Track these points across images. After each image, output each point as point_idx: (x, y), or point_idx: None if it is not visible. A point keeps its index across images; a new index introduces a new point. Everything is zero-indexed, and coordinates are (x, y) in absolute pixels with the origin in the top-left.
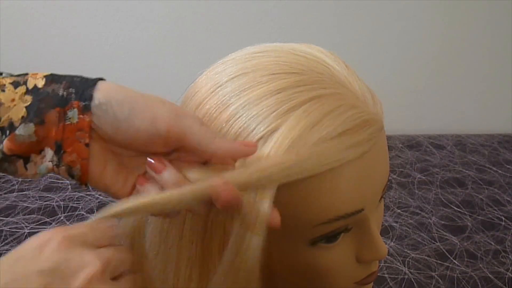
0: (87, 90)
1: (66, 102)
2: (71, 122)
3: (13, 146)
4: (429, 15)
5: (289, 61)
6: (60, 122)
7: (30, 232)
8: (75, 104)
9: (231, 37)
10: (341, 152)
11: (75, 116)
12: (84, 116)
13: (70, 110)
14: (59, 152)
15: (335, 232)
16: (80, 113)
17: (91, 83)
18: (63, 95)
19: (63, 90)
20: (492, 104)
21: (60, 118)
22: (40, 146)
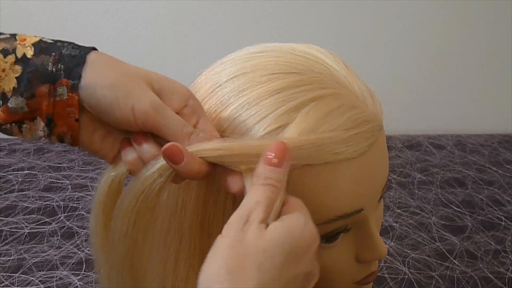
0: (76, 68)
1: (56, 79)
2: (61, 99)
3: (7, 116)
4: (429, 15)
5: (288, 61)
6: (51, 97)
7: (30, 232)
8: (64, 82)
9: (230, 37)
10: (341, 144)
11: (64, 93)
12: (73, 94)
13: (59, 87)
14: (50, 125)
15: (334, 232)
16: (69, 91)
17: (80, 60)
18: (52, 71)
19: (52, 65)
20: (492, 104)
21: (50, 93)
22: (33, 115)
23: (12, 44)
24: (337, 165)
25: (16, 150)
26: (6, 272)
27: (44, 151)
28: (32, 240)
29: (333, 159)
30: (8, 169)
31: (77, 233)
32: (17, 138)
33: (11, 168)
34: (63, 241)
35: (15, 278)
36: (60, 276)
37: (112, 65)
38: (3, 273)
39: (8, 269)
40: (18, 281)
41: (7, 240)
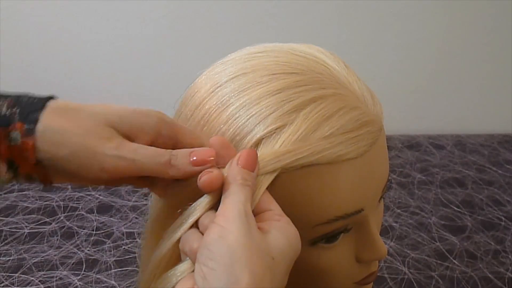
0: (33, 112)
1: (9, 123)
2: (15, 144)
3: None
4: (429, 15)
5: (288, 61)
6: (6, 142)
7: (30, 232)
8: (17, 126)
9: (230, 37)
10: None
11: (18, 138)
12: (28, 139)
13: (13, 132)
14: (13, 166)
15: (334, 232)
16: (23, 136)
17: (38, 105)
18: (6, 114)
19: (6, 108)
20: (492, 104)
21: (4, 138)
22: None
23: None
24: (337, 166)
25: None
26: (6, 272)
27: None
28: (32, 240)
29: (333, 159)
30: None
31: (77, 233)
32: None
33: None
34: (63, 241)
35: (15, 278)
36: (60, 276)
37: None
38: (3, 273)
39: (8, 269)
40: (18, 281)
41: (7, 240)
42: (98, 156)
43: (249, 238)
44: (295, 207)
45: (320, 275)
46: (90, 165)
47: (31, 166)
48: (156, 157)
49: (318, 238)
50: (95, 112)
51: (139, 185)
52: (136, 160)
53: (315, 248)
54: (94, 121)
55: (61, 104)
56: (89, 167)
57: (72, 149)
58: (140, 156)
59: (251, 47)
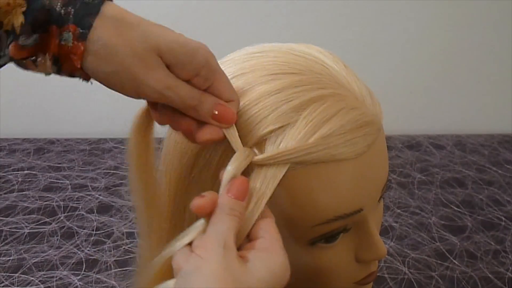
0: (87, 16)
1: (63, 22)
2: (65, 44)
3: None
4: (429, 15)
5: (287, 61)
6: (57, 39)
7: (30, 232)
8: (71, 28)
9: (230, 37)
10: (340, 145)
11: (69, 39)
12: (79, 43)
13: (65, 32)
14: (58, 63)
15: (334, 232)
16: (75, 38)
17: (93, 9)
18: (61, 12)
19: (60, 6)
20: (492, 104)
21: (56, 35)
22: (44, 50)
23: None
24: (336, 166)
25: (16, 150)
26: (6, 272)
27: (44, 151)
28: (32, 240)
29: (332, 159)
30: (8, 169)
31: (77, 233)
32: (17, 138)
33: (11, 168)
34: (63, 241)
35: (15, 278)
36: (60, 276)
37: (122, 32)
38: (3, 273)
39: (8, 269)
40: (18, 281)
41: (7, 240)
42: (137, 81)
43: (225, 270)
44: (294, 207)
45: (319, 275)
46: (128, 86)
47: (74, 68)
48: (187, 99)
49: (317, 238)
50: (147, 34)
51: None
52: (168, 97)
53: (314, 248)
54: (144, 45)
55: (117, 13)
56: (125, 88)
57: (116, 68)
58: (173, 95)
59: (250, 47)
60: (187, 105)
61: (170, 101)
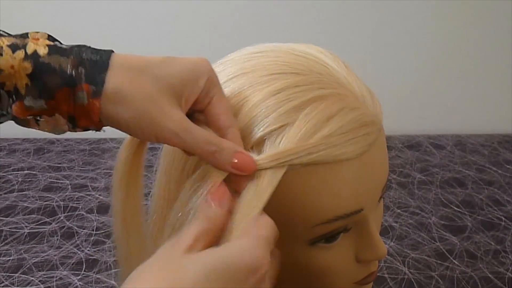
0: (99, 74)
1: (75, 83)
2: (81, 103)
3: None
4: (429, 15)
5: (288, 61)
6: (70, 101)
7: (30, 232)
8: (84, 87)
9: (230, 37)
10: (340, 145)
11: (84, 98)
12: (94, 100)
13: (79, 92)
14: (73, 121)
15: (334, 232)
16: (89, 97)
17: (103, 66)
18: (72, 74)
19: (71, 68)
20: (492, 104)
21: (70, 97)
22: (52, 112)
23: (23, 40)
24: (336, 166)
25: (16, 150)
26: (6, 272)
27: (44, 151)
28: (32, 240)
29: (332, 159)
30: (8, 169)
31: (77, 233)
32: (17, 138)
33: (11, 168)
34: (63, 241)
35: (15, 278)
36: (60, 276)
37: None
38: (3, 273)
39: (8, 269)
40: (18, 281)
41: (7, 240)
42: (156, 125)
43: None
44: (294, 207)
45: (319, 275)
46: (147, 130)
47: (92, 123)
48: (205, 145)
49: (317, 238)
50: (158, 76)
51: None
52: (186, 140)
53: (314, 248)
54: (157, 87)
55: (125, 60)
56: (145, 132)
57: (134, 113)
58: (191, 139)
59: (250, 47)
60: (204, 150)
61: (186, 145)
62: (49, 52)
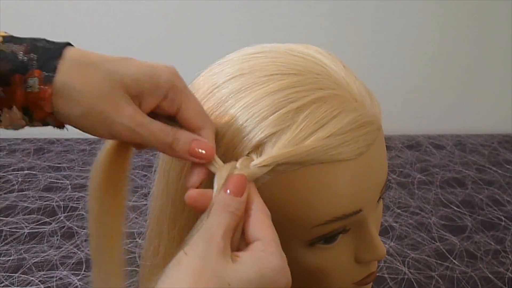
0: (51, 60)
1: (27, 69)
2: (32, 91)
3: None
4: (429, 15)
5: (286, 62)
6: (22, 88)
7: (30, 232)
8: (36, 73)
9: (229, 38)
10: (339, 146)
11: (35, 85)
12: (46, 86)
13: (30, 78)
14: (28, 113)
15: (333, 233)
16: (41, 83)
17: (55, 53)
18: (24, 60)
19: (23, 54)
20: (492, 104)
21: (22, 84)
22: (9, 103)
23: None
24: (335, 166)
25: (16, 150)
26: (6, 272)
27: (44, 151)
28: (32, 240)
29: (331, 159)
30: (8, 169)
31: (77, 233)
32: (17, 138)
33: (11, 168)
34: (63, 241)
35: (15, 278)
36: (60, 276)
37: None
38: (3, 273)
39: (8, 269)
40: (18, 281)
41: (7, 240)
42: (109, 121)
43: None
44: (293, 208)
45: (319, 275)
46: (100, 127)
47: (46, 114)
48: (160, 137)
49: (316, 239)
50: (111, 71)
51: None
52: (141, 135)
53: (313, 249)
54: (110, 83)
55: (79, 55)
56: (98, 129)
57: (85, 110)
58: (146, 132)
59: (249, 48)
60: (161, 142)
61: (143, 140)
62: (3, 41)
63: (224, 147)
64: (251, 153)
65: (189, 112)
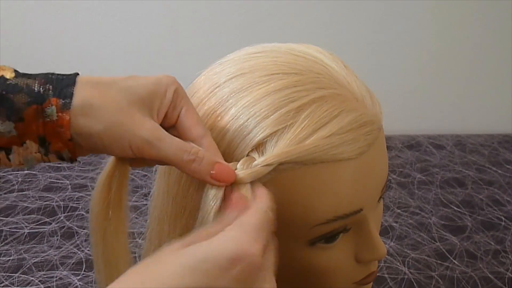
0: (66, 88)
1: (44, 99)
2: (50, 119)
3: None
4: (429, 15)
5: (287, 61)
6: (39, 119)
7: (30, 232)
8: (53, 101)
9: (230, 37)
10: (340, 146)
11: (53, 113)
12: (64, 114)
13: (48, 107)
14: (44, 144)
15: (334, 233)
16: (58, 110)
17: (70, 81)
18: (40, 91)
19: (38, 85)
20: (492, 104)
21: (38, 115)
22: (22, 139)
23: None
24: (336, 166)
25: None
26: (6, 272)
27: None
28: (32, 240)
29: (331, 159)
30: (8, 169)
31: (77, 233)
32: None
33: (11, 168)
34: (63, 241)
35: (15, 278)
36: (60, 276)
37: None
38: (3, 273)
39: (8, 269)
40: (18, 281)
41: (7, 240)
42: (130, 134)
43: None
44: (294, 208)
45: (319, 275)
46: (121, 141)
47: (64, 142)
48: (181, 153)
49: (317, 238)
50: (125, 87)
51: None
52: (160, 149)
53: (314, 248)
54: (126, 97)
55: (91, 78)
56: (119, 143)
57: (107, 125)
58: (167, 147)
59: (250, 47)
60: (179, 158)
61: (160, 154)
62: (15, 76)
63: (225, 146)
64: (252, 153)
65: (190, 119)
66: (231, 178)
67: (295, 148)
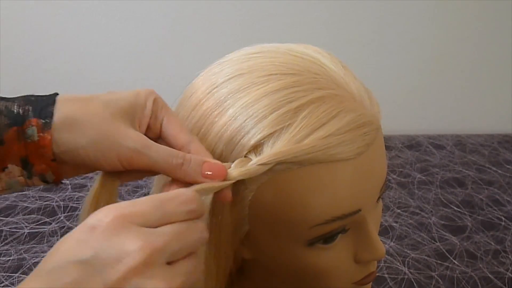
0: (46, 107)
1: (23, 120)
2: (31, 140)
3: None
4: (429, 14)
5: (285, 62)
6: (21, 141)
7: (30, 232)
8: (33, 122)
9: (229, 38)
10: (338, 146)
11: (34, 134)
12: (45, 134)
13: (28, 128)
14: (27, 166)
15: (332, 233)
16: (39, 131)
17: (49, 100)
18: (19, 112)
19: (18, 107)
20: (492, 104)
21: (19, 136)
22: (4, 164)
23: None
24: (334, 166)
25: None
26: (6, 272)
27: None
28: (32, 240)
29: (329, 159)
30: None
31: None
32: None
33: None
34: None
35: (15, 278)
36: None
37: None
38: (3, 273)
39: (8, 269)
40: (18, 281)
41: (7, 240)
42: (116, 145)
43: None
44: (292, 208)
45: (318, 275)
46: (108, 153)
47: (47, 163)
48: (169, 158)
49: (316, 239)
50: (106, 100)
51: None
52: (150, 157)
53: (313, 248)
54: (108, 109)
55: (71, 96)
56: (107, 156)
57: (92, 137)
58: (155, 154)
59: (248, 48)
60: (169, 164)
61: (150, 162)
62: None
63: (222, 146)
64: (249, 153)
65: (173, 128)
66: (222, 172)
67: (292, 148)
